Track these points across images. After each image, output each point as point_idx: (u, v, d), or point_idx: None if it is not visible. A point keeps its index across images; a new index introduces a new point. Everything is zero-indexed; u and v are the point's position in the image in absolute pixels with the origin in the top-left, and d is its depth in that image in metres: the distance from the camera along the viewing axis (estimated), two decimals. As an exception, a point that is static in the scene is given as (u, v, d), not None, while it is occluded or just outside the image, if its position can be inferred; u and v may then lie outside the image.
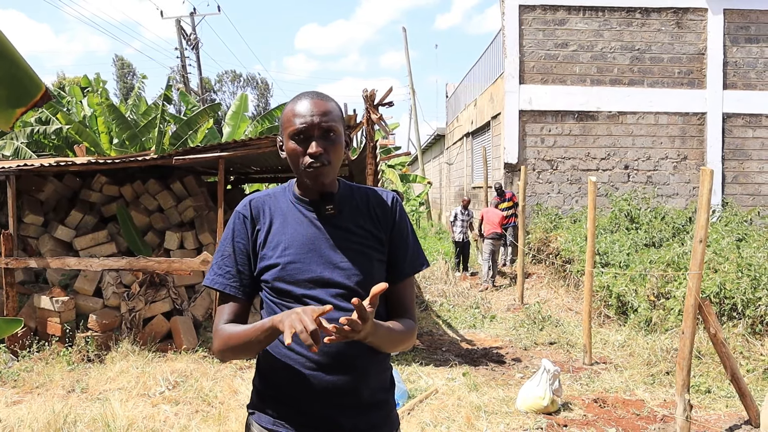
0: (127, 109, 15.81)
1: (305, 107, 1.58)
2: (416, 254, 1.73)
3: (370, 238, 1.65)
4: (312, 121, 1.56)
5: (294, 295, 1.57)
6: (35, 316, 6.49)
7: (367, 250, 1.64)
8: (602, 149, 12.70)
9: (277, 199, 1.70)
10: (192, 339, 6.53)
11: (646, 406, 4.96)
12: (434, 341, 7.22)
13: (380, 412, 1.65)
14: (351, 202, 1.68)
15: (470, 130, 16.64)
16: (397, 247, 1.70)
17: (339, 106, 1.66)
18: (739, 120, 12.59)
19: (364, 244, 1.64)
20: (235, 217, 1.68)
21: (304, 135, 1.57)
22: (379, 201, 1.71)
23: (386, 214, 1.70)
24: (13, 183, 6.43)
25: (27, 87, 1.01)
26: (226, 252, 1.66)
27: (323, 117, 1.57)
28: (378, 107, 5.99)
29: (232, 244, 1.65)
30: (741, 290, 6.21)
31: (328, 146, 1.58)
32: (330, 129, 1.58)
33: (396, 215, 1.71)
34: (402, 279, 1.70)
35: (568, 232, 10.25)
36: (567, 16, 12.64)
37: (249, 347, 1.55)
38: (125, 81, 44.82)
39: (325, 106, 1.59)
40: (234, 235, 1.66)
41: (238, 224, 1.67)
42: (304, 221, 1.63)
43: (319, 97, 1.62)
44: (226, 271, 1.64)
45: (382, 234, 1.67)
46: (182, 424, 4.49)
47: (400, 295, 1.70)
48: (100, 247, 7.37)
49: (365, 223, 1.66)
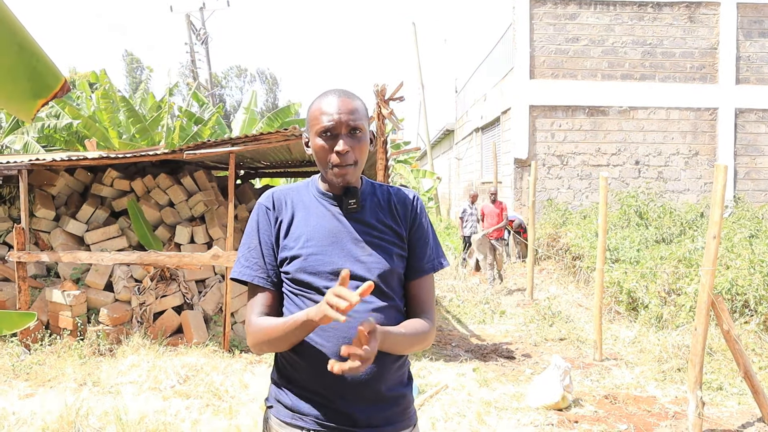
0: (135, 103, 15.88)
1: (332, 105, 1.59)
2: (435, 252, 1.75)
3: (391, 233, 1.67)
4: (339, 119, 1.58)
5: (315, 287, 1.58)
6: (47, 309, 6.53)
7: (388, 245, 1.65)
8: (613, 144, 12.64)
9: (300, 192, 1.72)
10: (202, 333, 6.56)
11: (658, 402, 4.93)
12: (444, 337, 7.21)
13: (397, 408, 1.65)
14: (373, 199, 1.71)
15: (480, 126, 16.59)
16: (416, 245, 1.71)
17: (365, 104, 1.67)
18: (752, 115, 12.49)
19: (385, 239, 1.65)
20: (258, 209, 1.69)
21: (332, 133, 1.59)
22: (401, 198, 1.73)
23: (407, 211, 1.72)
24: (25, 177, 6.47)
25: (47, 79, 1.02)
26: (252, 244, 1.67)
27: (350, 115, 1.59)
28: (389, 102, 5.97)
29: (258, 235, 1.67)
30: (753, 287, 6.17)
31: (355, 144, 1.60)
32: (357, 127, 1.60)
33: (417, 213, 1.73)
34: (420, 276, 1.71)
35: (578, 228, 10.21)
36: (578, 10, 12.56)
37: (284, 340, 1.56)
38: (134, 76, 44.97)
39: (352, 104, 1.61)
40: (259, 227, 1.68)
41: (262, 216, 1.68)
42: (327, 215, 1.65)
43: (346, 95, 1.63)
44: (253, 263, 1.65)
45: (402, 231, 1.69)
46: (193, 418, 4.51)
47: (418, 293, 1.71)
48: (111, 242, 7.40)
49: (386, 219, 1.68)
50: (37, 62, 1.00)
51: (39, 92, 1.01)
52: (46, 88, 1.02)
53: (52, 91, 1.02)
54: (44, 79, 1.01)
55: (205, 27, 26.24)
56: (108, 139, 13.60)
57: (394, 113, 5.94)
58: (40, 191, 7.63)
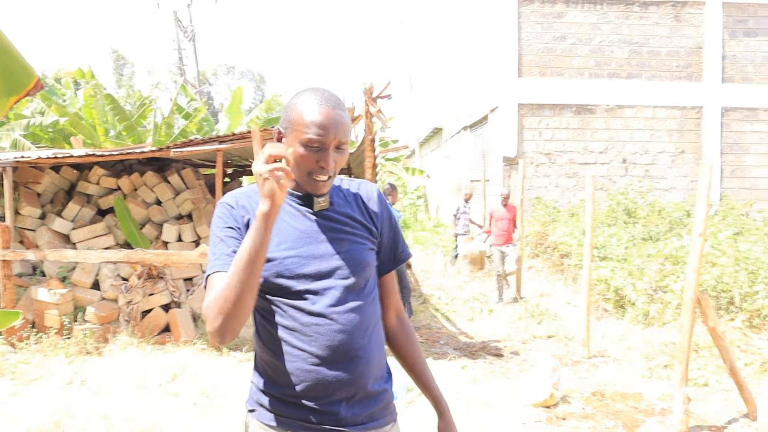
0: (120, 99, 15.78)
1: (323, 117, 1.50)
2: (403, 244, 1.78)
3: (361, 228, 1.65)
4: (329, 135, 1.50)
5: (294, 291, 1.53)
6: (33, 308, 6.47)
7: (361, 239, 1.64)
8: (600, 143, 12.70)
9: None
10: (190, 332, 6.53)
11: (645, 399, 4.97)
12: (432, 334, 7.22)
13: (380, 404, 1.65)
14: (339, 194, 1.68)
15: (468, 124, 16.62)
16: (387, 238, 1.73)
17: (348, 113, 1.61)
18: (737, 114, 12.60)
19: (357, 234, 1.64)
20: (220, 207, 1.60)
21: (319, 147, 1.51)
22: (366, 192, 1.72)
23: (374, 205, 1.71)
24: (10, 174, 6.41)
25: (20, 76, 1.02)
26: (215, 240, 1.56)
27: (340, 130, 1.52)
28: (377, 100, 5.97)
29: (222, 230, 1.56)
30: (738, 284, 6.24)
31: (338, 158, 1.55)
32: (344, 143, 1.55)
33: (383, 206, 1.73)
34: (393, 268, 1.76)
35: (566, 226, 10.26)
36: (565, 9, 12.61)
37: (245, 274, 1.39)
38: (121, 74, 44.62)
39: (342, 119, 1.53)
40: (222, 222, 1.57)
41: (224, 211, 1.58)
42: (297, 215, 1.60)
43: (336, 105, 1.53)
44: (219, 256, 1.52)
45: (372, 225, 1.68)
46: (181, 417, 4.49)
47: (389, 285, 1.77)
48: (98, 240, 7.35)
49: (356, 215, 1.66)
50: (10, 60, 1.01)
51: (12, 90, 1.02)
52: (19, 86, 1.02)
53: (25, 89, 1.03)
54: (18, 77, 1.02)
55: (192, 24, 26.10)
56: (94, 137, 13.50)
57: (381, 111, 5.94)
58: (25, 189, 7.56)
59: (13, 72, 1.01)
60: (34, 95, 2.53)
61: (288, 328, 1.54)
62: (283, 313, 1.54)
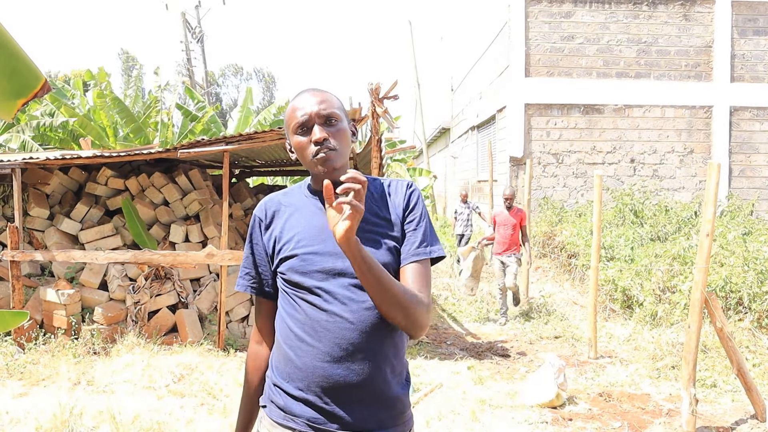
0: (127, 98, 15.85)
1: (302, 101, 1.63)
2: (428, 240, 1.65)
3: (385, 225, 1.62)
4: (311, 111, 1.60)
5: (306, 287, 1.57)
6: (41, 308, 6.51)
7: (381, 237, 1.61)
8: (608, 143, 12.65)
9: (292, 195, 1.73)
10: (197, 332, 6.55)
11: (652, 400, 4.94)
12: (439, 335, 7.22)
13: (392, 411, 1.59)
14: (367, 192, 1.66)
15: (475, 124, 16.59)
16: (408, 231, 1.65)
17: (337, 97, 1.68)
18: (747, 113, 12.52)
19: (378, 232, 1.61)
20: (252, 220, 1.74)
21: (307, 126, 1.60)
22: (395, 187, 1.71)
23: (401, 198, 1.67)
24: (19, 176, 6.45)
25: (27, 78, 1.03)
26: (245, 254, 1.76)
27: (321, 105, 1.61)
28: (383, 100, 5.97)
29: (250, 246, 1.74)
30: (747, 284, 6.19)
31: (331, 132, 1.60)
32: (330, 116, 1.61)
33: (409, 199, 1.67)
34: (410, 262, 1.61)
35: (573, 226, 10.23)
36: (573, 8, 12.56)
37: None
38: (130, 74, 44.87)
39: (322, 96, 1.64)
40: (252, 239, 1.74)
41: (255, 227, 1.73)
42: (317, 212, 1.63)
43: (315, 89, 1.66)
44: (245, 273, 1.74)
45: (397, 219, 1.64)
46: (188, 417, 4.50)
47: (409, 279, 1.59)
48: (106, 240, 7.38)
49: (381, 211, 1.64)
50: (17, 62, 1.01)
51: (20, 92, 1.02)
52: (26, 88, 1.03)
53: (32, 91, 1.03)
54: (25, 79, 1.02)
55: (200, 25, 26.20)
56: (103, 138, 13.57)
57: (388, 112, 5.94)
58: (34, 190, 7.61)
59: (20, 74, 1.02)
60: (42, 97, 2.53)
61: (301, 322, 1.57)
62: (298, 307, 1.58)
